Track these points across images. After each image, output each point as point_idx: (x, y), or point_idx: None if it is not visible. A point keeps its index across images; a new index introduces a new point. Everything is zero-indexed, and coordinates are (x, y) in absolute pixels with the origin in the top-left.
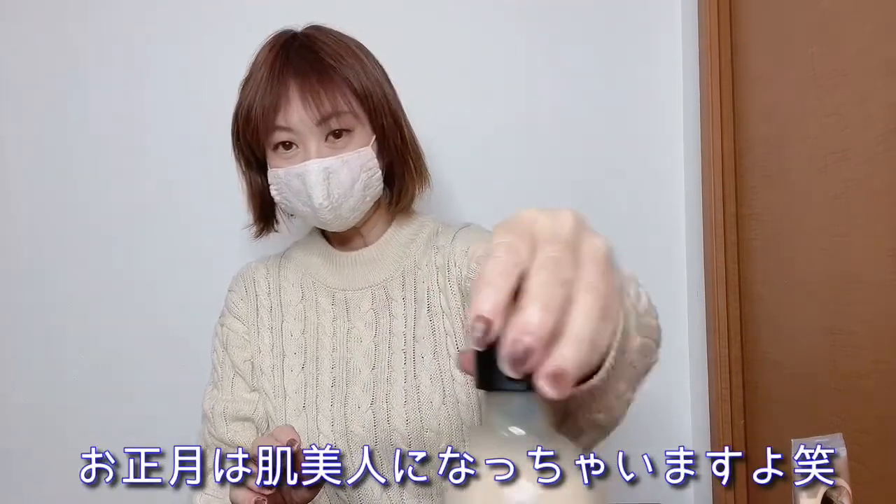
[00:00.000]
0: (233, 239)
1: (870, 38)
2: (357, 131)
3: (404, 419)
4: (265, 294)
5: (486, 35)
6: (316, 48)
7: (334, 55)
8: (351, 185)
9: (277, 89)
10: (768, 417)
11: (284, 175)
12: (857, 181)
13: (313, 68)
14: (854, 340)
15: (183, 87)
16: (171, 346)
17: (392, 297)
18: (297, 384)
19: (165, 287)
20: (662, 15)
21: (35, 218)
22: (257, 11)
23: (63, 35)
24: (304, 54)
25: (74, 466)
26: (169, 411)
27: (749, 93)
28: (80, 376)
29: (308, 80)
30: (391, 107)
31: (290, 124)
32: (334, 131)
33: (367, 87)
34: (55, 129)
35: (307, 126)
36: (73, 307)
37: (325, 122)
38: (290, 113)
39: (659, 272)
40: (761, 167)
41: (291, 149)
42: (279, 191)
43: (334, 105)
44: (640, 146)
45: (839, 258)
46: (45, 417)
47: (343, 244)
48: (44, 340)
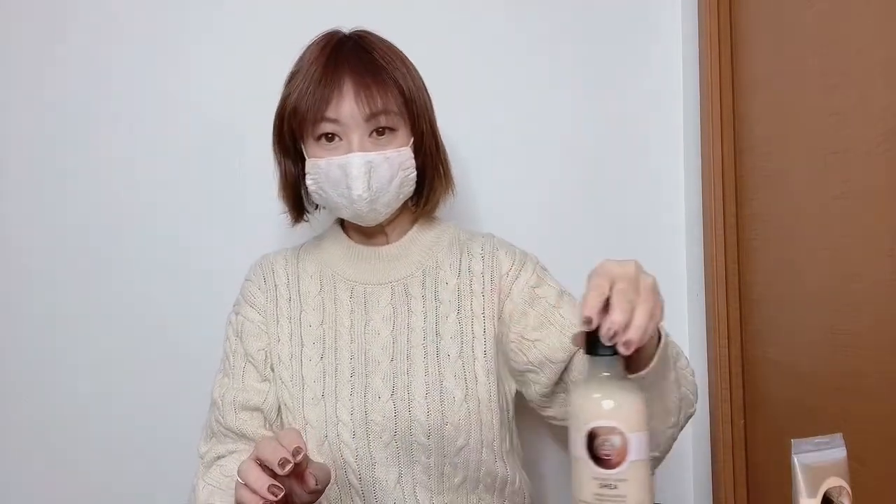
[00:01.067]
0: (234, 238)
1: (869, 38)
2: (399, 131)
3: (426, 411)
4: (284, 285)
5: (484, 37)
6: (369, 49)
7: (386, 58)
8: (389, 181)
9: (332, 82)
10: (768, 417)
11: (326, 165)
12: (857, 181)
13: (367, 67)
14: (854, 340)
15: (183, 88)
16: (171, 349)
17: (412, 294)
18: (317, 373)
19: (165, 288)
20: (663, 15)
21: (33, 220)
22: (261, 12)
23: (64, 35)
24: (359, 53)
25: (75, 466)
26: (171, 414)
27: (749, 93)
28: (81, 376)
29: (363, 78)
30: (430, 114)
31: (339, 117)
32: (379, 128)
33: (413, 92)
34: (56, 127)
35: (356, 120)
36: (70, 310)
37: (374, 118)
38: (342, 106)
39: (659, 272)
40: (761, 167)
41: (334, 141)
42: (316, 180)
43: (385, 103)
44: (640, 146)
45: (839, 258)
46: (46, 421)
47: (365, 240)
48: (44, 342)
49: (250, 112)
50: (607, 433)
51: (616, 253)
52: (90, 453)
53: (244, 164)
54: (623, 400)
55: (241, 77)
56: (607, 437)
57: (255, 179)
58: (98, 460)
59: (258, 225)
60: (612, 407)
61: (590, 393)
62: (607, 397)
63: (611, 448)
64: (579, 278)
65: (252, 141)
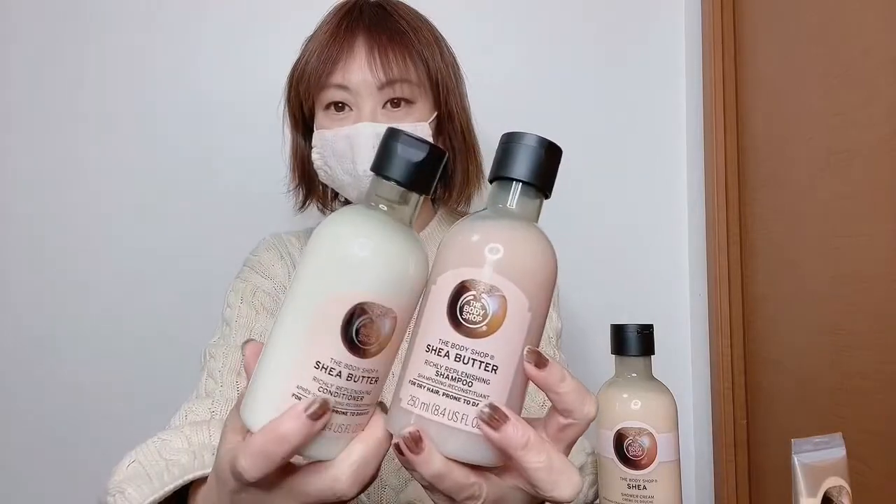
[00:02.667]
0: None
1: (874, 37)
2: (418, 104)
3: None
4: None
5: (487, 35)
6: (392, 11)
7: (412, 24)
8: None
9: (341, 42)
10: (770, 417)
11: (332, 137)
12: (861, 181)
13: (385, 27)
14: (856, 340)
15: (183, 90)
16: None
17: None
18: None
19: (165, 286)
20: (666, 15)
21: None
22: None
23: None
24: (379, 13)
25: (74, 466)
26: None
27: (752, 92)
28: (81, 374)
29: (378, 38)
30: (460, 97)
31: (348, 83)
32: (394, 99)
33: (440, 67)
34: (57, 126)
35: (367, 88)
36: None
37: (389, 86)
38: (352, 70)
39: (661, 272)
40: (764, 167)
41: (344, 111)
42: (321, 155)
43: (403, 70)
44: (642, 146)
45: (842, 258)
46: (45, 419)
47: None
48: (44, 336)
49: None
50: (636, 434)
51: (616, 252)
52: (92, 452)
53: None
54: (652, 401)
55: (247, 76)
56: (636, 438)
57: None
58: (99, 460)
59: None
60: (640, 408)
61: (619, 394)
62: (636, 398)
63: (640, 449)
64: (579, 278)
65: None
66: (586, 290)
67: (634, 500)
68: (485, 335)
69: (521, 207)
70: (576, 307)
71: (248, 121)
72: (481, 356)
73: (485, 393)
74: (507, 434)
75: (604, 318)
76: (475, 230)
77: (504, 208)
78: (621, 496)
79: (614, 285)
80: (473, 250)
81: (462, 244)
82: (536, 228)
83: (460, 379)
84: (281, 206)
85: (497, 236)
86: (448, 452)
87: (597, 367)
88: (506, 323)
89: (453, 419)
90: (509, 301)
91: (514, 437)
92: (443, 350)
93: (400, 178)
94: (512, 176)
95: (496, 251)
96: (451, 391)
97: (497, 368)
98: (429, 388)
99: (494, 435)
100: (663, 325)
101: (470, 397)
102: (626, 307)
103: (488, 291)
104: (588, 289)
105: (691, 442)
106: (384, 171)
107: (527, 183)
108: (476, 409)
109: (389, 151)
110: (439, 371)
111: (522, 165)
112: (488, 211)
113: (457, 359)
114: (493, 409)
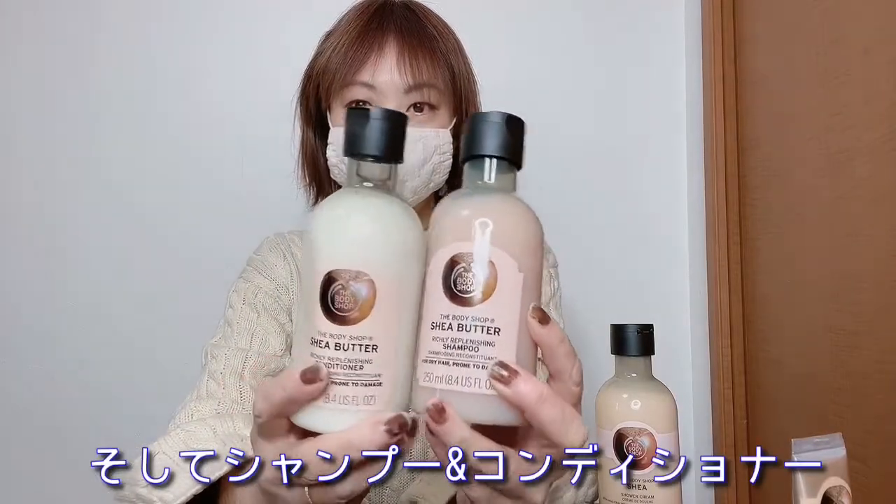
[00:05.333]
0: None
1: (875, 37)
2: (441, 111)
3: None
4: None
5: (490, 34)
6: (420, 15)
7: (439, 28)
8: (421, 164)
9: (371, 41)
10: (770, 416)
11: None
12: (861, 181)
13: (416, 32)
14: (856, 340)
15: (189, 88)
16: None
17: None
18: None
19: (166, 286)
20: (666, 13)
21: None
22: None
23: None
24: (409, 16)
25: (75, 466)
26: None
27: (752, 92)
28: (83, 373)
29: (409, 40)
30: (476, 102)
31: (375, 82)
32: (419, 104)
33: (463, 72)
34: (60, 124)
35: (394, 89)
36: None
37: (416, 90)
38: (381, 71)
39: (661, 271)
40: (764, 166)
41: None
42: (337, 152)
43: (431, 75)
44: (642, 145)
45: (842, 258)
46: (47, 416)
47: None
48: (47, 337)
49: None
50: (636, 434)
51: (617, 252)
52: (92, 452)
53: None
54: (652, 401)
55: (254, 76)
56: (636, 438)
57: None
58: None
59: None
60: (640, 408)
61: (619, 394)
62: (636, 398)
63: (639, 448)
64: (579, 278)
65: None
66: (586, 289)
67: (634, 500)
68: (482, 301)
69: (499, 181)
70: (576, 307)
71: (250, 120)
72: (482, 321)
73: (492, 355)
74: (518, 389)
75: (604, 318)
76: (462, 206)
77: (483, 184)
78: (621, 496)
79: (614, 285)
80: (461, 226)
81: (449, 223)
82: (514, 197)
83: (467, 346)
84: (287, 203)
85: (481, 209)
86: (469, 418)
87: (597, 367)
88: (499, 286)
89: (468, 384)
90: (498, 266)
91: (527, 391)
92: (445, 323)
93: (374, 153)
94: (485, 153)
95: (484, 224)
96: (461, 360)
97: (499, 330)
98: (441, 362)
99: (507, 391)
100: (663, 325)
101: (479, 361)
102: (626, 307)
103: (477, 260)
104: (588, 289)
105: (691, 442)
106: (352, 152)
107: (500, 157)
108: (487, 371)
109: (350, 132)
110: (446, 344)
111: (493, 141)
112: (468, 189)
113: (460, 328)
114: (502, 366)
